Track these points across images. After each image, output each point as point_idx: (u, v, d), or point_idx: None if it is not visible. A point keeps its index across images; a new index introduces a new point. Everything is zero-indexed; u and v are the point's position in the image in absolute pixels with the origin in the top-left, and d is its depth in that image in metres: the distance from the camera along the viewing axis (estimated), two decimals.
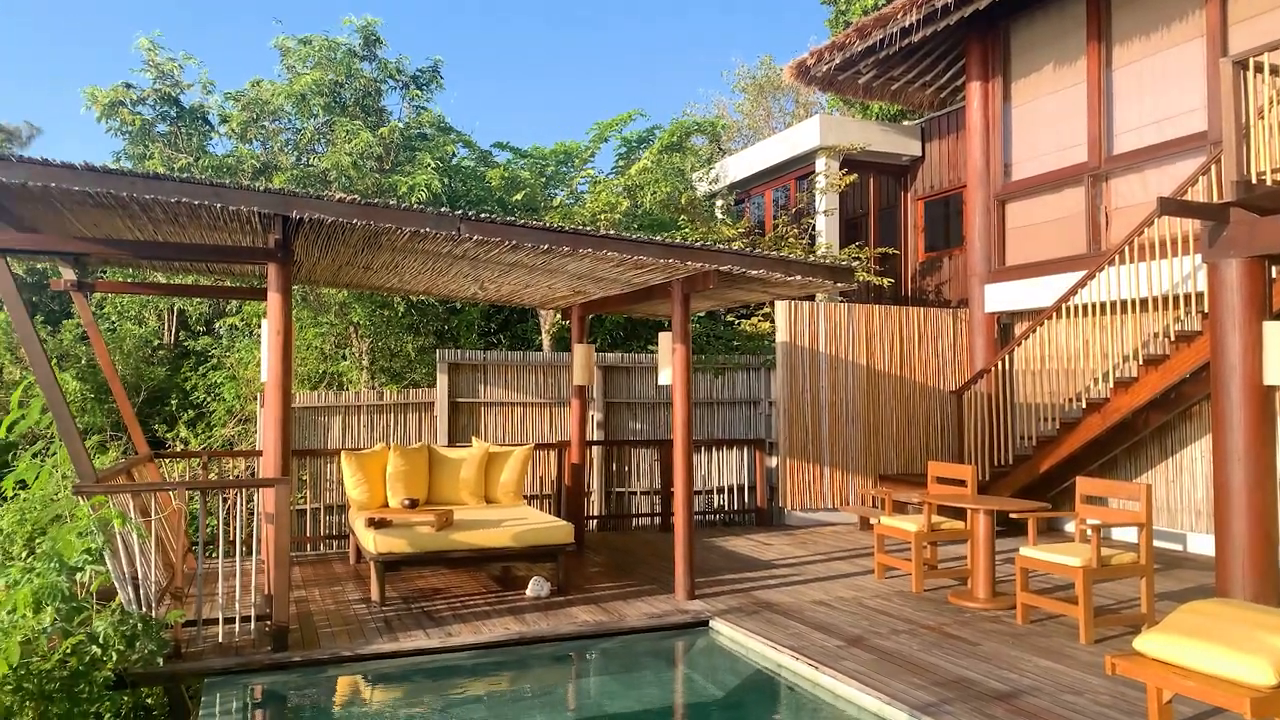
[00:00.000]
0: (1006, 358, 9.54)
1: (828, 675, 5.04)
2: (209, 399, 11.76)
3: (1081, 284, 8.44)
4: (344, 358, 11.29)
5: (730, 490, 10.99)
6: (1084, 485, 6.50)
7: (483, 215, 6.03)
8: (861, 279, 12.04)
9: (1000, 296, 10.53)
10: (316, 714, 5.16)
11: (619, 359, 10.90)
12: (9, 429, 6.43)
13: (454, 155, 12.79)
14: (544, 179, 13.00)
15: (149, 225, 6.48)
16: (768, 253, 6.72)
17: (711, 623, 6.26)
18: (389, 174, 11.01)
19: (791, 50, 36.49)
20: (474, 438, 9.33)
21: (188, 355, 12.83)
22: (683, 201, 13.15)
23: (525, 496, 9.25)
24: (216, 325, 12.76)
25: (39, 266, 13.63)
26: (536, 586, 6.89)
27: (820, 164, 13.64)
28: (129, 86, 10.81)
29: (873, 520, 8.05)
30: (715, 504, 10.91)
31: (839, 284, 7.17)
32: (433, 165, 10.93)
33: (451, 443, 9.85)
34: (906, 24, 10.15)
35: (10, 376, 11.79)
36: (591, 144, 13.44)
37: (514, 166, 12.87)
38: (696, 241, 9.64)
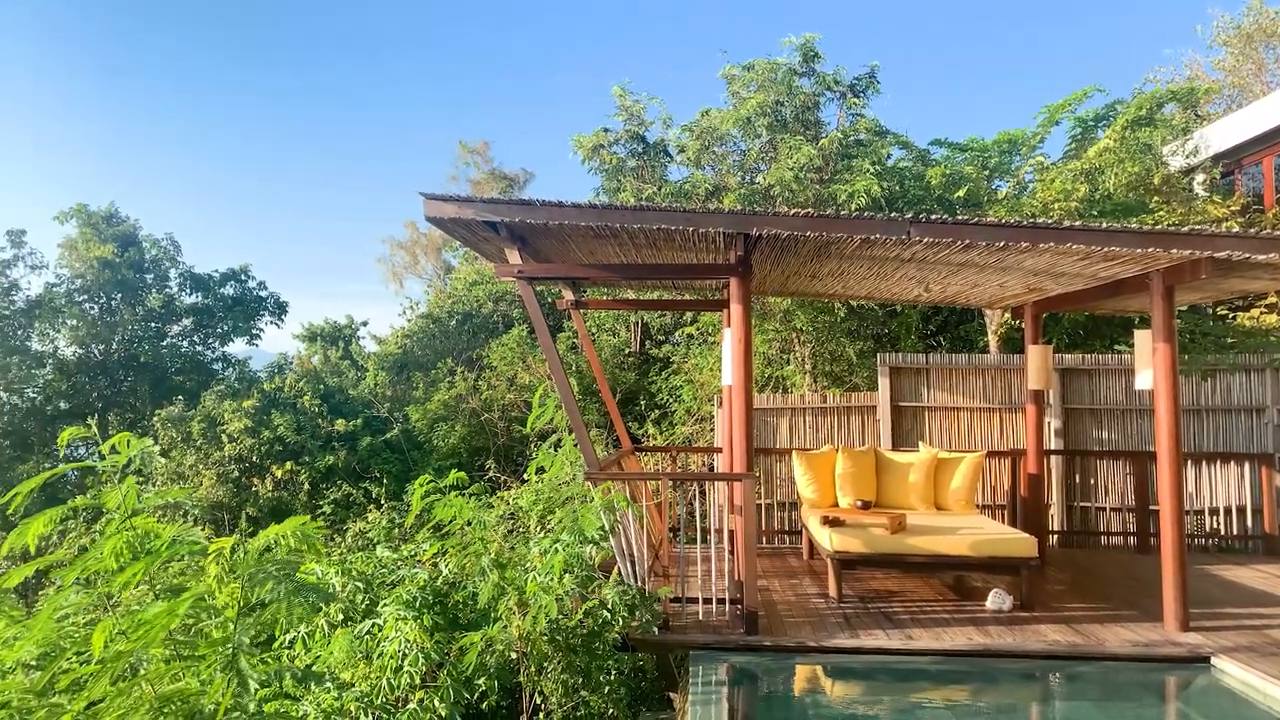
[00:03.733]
0: None
1: None
2: (670, 400, 13.10)
3: None
4: (788, 362, 11.84)
5: (1227, 512, 9.44)
6: None
7: (932, 216, 5.96)
8: None
9: None
10: (785, 696, 5.53)
11: (1079, 360, 9.97)
12: (532, 424, 7.86)
13: (889, 157, 12.74)
14: (986, 172, 12.36)
15: (631, 249, 7.45)
16: None
17: (1214, 660, 5.47)
18: (828, 184, 11.31)
19: None
20: (921, 442, 9.21)
21: (652, 362, 14.43)
22: (1155, 181, 11.61)
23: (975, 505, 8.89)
24: (675, 334, 14.18)
25: (537, 289, 16.35)
26: (997, 599, 6.60)
27: None
28: (606, 131, 12.52)
29: None
30: (1207, 527, 9.44)
31: None
32: (870, 170, 11.01)
33: (895, 447, 9.82)
34: None
35: (521, 381, 14.27)
36: (1040, 129, 12.45)
37: (954, 162, 12.43)
38: (1177, 226, 8.49)
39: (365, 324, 22.57)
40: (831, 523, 7.02)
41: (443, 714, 4.90)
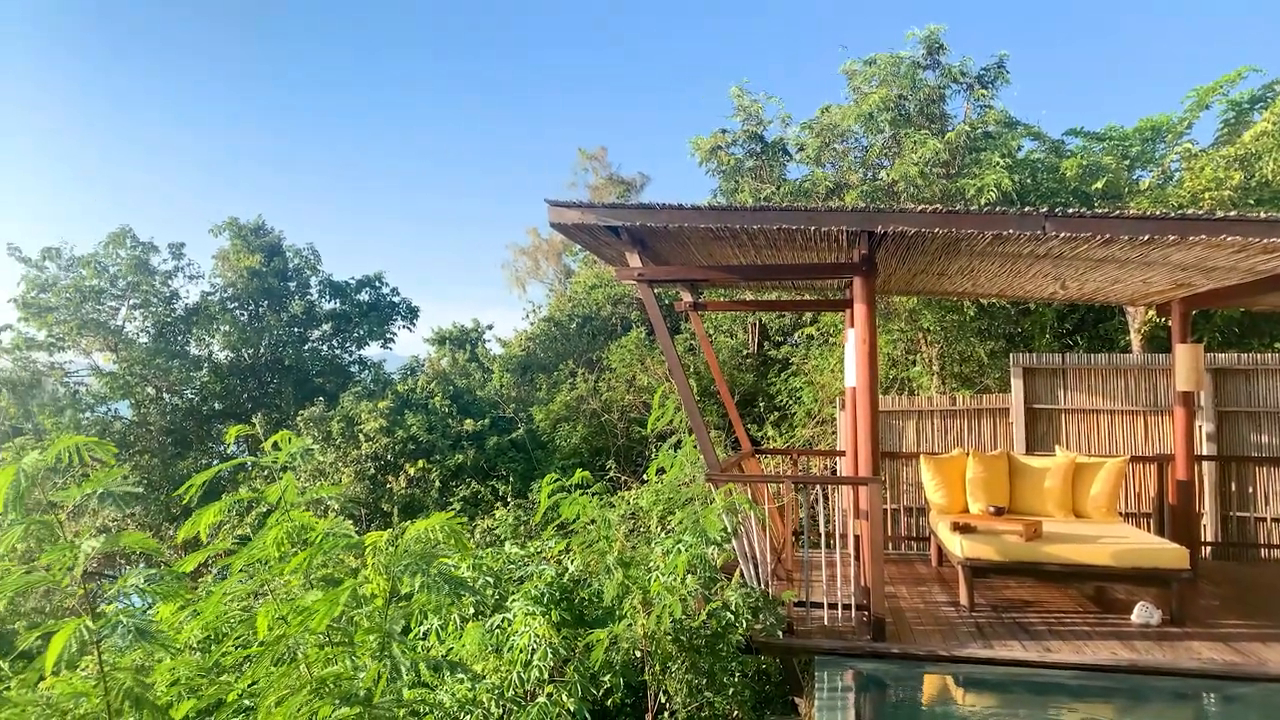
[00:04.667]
0: None
1: None
2: (790, 402, 12.96)
3: None
4: (914, 363, 11.53)
5: None
6: None
7: (1069, 210, 5.69)
8: None
9: None
10: (914, 704, 5.40)
11: (1234, 360, 9.30)
12: (652, 425, 7.95)
13: (1020, 149, 12.23)
14: (1126, 161, 11.70)
15: (751, 250, 7.43)
16: None
17: None
18: (955, 178, 10.96)
19: None
20: (1057, 446, 8.81)
21: (770, 363, 14.32)
22: None
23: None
24: (794, 335, 14.03)
25: (655, 291, 16.51)
26: (1144, 613, 6.24)
27: None
28: (724, 132, 12.52)
29: None
30: None
31: None
32: (1000, 163, 10.60)
33: (1029, 451, 9.42)
34: None
35: (639, 382, 14.42)
36: (1187, 114, 11.70)
37: (1091, 153, 11.82)
38: None
39: (490, 327, 23.30)
40: (963, 529, 6.80)
41: (571, 709, 5.01)
